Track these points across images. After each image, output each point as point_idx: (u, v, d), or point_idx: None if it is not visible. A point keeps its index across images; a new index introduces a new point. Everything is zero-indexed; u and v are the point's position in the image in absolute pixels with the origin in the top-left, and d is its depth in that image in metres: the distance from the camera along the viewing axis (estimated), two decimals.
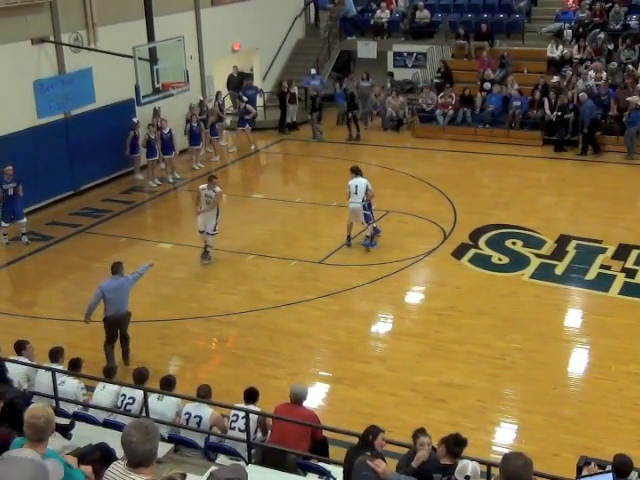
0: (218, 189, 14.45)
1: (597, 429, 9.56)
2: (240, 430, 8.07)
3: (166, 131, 19.58)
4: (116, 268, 11.17)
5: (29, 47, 17.41)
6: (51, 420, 4.93)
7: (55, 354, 9.53)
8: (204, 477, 4.21)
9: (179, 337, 12.25)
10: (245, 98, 22.73)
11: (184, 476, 4.41)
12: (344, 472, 6.75)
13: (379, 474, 6.08)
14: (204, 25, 22.31)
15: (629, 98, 20.37)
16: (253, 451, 7.90)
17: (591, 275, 13.79)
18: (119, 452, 4.60)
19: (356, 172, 15.00)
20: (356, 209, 14.75)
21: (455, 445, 6.79)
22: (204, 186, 14.55)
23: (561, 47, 23.01)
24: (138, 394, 8.60)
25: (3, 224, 15.96)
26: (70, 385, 8.98)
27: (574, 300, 13.34)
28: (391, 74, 25.38)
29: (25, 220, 16.12)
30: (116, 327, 11.17)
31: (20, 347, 9.63)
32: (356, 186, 14.70)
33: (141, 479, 4.35)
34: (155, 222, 18.54)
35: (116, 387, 8.90)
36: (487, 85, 22.82)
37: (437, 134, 22.50)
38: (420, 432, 7.14)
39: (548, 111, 21.21)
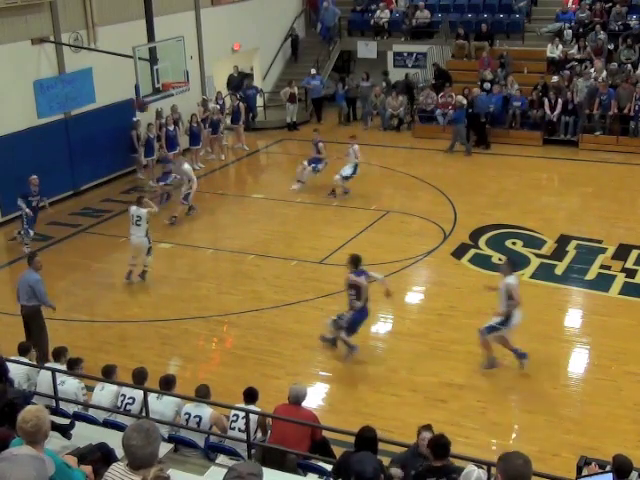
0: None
1: (597, 429, 9.55)
2: (240, 430, 8.07)
3: (171, 128, 19.75)
4: (28, 259, 11.51)
5: (29, 47, 17.42)
6: (40, 425, 4.66)
7: (58, 354, 9.53)
8: (223, 473, 4.19)
9: (179, 337, 12.26)
10: (238, 96, 22.80)
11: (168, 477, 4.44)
12: (335, 470, 6.68)
13: None
14: (204, 25, 22.34)
15: (457, 97, 20.98)
16: (253, 451, 7.89)
17: (591, 275, 13.80)
18: (119, 452, 4.58)
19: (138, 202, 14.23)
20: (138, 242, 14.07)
21: (437, 448, 6.72)
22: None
23: (561, 47, 23.02)
24: (138, 394, 8.60)
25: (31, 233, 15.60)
26: (71, 385, 8.97)
27: (574, 300, 13.35)
28: (385, 73, 25.27)
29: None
30: (25, 320, 11.32)
31: (25, 350, 9.62)
32: (137, 216, 13.99)
33: None
34: (155, 222, 18.43)
35: (115, 387, 8.89)
36: (487, 85, 22.82)
37: (437, 134, 22.49)
38: (424, 428, 7.16)
39: (548, 111, 21.25)
